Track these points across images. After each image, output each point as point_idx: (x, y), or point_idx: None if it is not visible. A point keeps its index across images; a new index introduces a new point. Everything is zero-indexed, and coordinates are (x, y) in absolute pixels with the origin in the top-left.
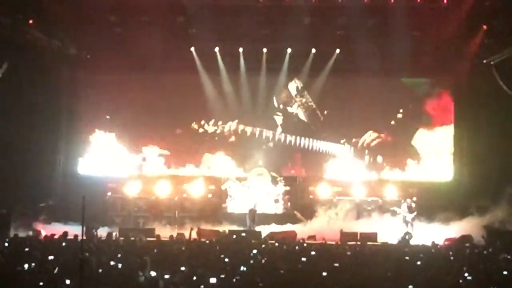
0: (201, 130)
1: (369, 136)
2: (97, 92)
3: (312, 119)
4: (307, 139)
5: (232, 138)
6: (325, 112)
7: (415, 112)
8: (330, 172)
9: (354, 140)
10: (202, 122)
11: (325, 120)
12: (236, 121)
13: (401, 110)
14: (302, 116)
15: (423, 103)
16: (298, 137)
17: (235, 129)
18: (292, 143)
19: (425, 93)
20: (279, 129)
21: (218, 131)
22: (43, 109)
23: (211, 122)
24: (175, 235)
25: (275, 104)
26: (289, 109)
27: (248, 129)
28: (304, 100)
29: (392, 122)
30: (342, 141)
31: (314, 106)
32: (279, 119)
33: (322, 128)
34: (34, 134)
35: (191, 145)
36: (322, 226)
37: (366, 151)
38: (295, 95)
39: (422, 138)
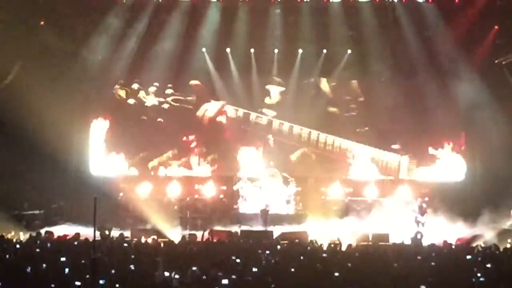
0: (131, 100)
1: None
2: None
3: (341, 96)
4: (326, 136)
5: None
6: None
7: None
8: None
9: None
10: (135, 85)
11: (367, 101)
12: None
13: None
14: (325, 86)
15: None
16: (311, 132)
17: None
18: (296, 136)
19: None
20: (272, 112)
21: (167, 105)
22: (54, 109)
23: (153, 89)
24: (187, 236)
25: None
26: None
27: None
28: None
29: None
30: (395, 146)
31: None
32: (274, 91)
33: (359, 116)
34: (46, 135)
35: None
36: (334, 227)
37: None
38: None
39: None
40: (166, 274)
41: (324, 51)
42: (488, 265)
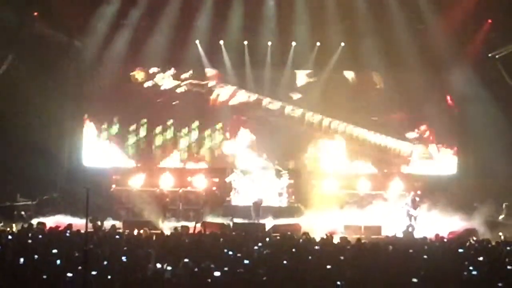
0: (148, 83)
1: None
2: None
3: (363, 84)
4: (338, 123)
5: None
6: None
7: None
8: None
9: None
10: (153, 69)
11: (387, 91)
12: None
13: None
14: (348, 73)
15: None
16: (323, 118)
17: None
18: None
19: None
20: (296, 95)
21: (182, 89)
22: (47, 100)
23: (169, 72)
24: (179, 227)
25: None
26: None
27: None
28: None
29: None
30: (410, 135)
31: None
32: (301, 75)
33: (378, 105)
34: (39, 126)
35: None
36: (327, 220)
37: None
38: None
39: None
40: (158, 266)
41: (318, 43)
42: (480, 259)
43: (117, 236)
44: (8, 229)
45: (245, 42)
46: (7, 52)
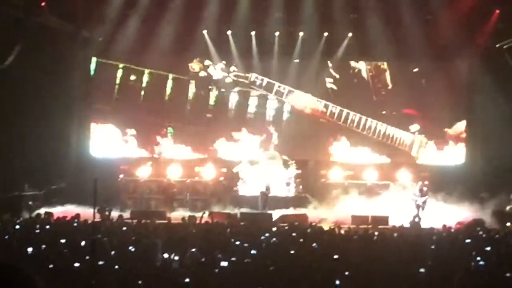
0: (203, 73)
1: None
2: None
3: (376, 82)
4: (354, 114)
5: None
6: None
7: None
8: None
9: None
10: (207, 62)
11: (395, 89)
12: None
13: None
14: (364, 71)
15: None
16: (342, 110)
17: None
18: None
19: None
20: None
21: (229, 79)
22: (55, 91)
23: (220, 65)
24: (186, 217)
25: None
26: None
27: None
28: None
29: None
30: (412, 128)
31: (385, 66)
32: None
33: (386, 100)
34: (46, 116)
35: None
36: (334, 210)
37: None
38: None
39: None
40: (166, 255)
41: (325, 34)
42: (488, 249)
43: (124, 227)
44: (16, 218)
45: (253, 32)
46: (15, 43)
